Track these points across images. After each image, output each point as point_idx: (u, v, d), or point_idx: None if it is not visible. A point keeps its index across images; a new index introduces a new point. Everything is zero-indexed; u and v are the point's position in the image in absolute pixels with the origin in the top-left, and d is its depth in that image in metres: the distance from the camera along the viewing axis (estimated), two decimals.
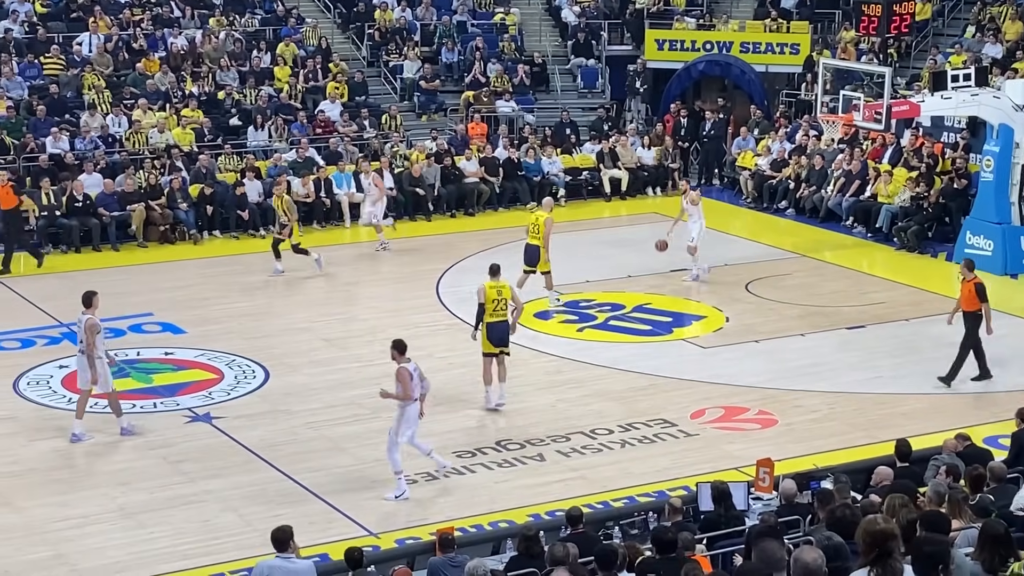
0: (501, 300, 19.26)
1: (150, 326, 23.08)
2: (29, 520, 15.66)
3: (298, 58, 35.45)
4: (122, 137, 31.28)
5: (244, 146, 32.13)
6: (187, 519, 15.76)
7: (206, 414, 19.06)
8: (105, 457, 17.56)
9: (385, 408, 19.16)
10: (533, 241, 23.69)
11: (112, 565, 14.62)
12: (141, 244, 28.75)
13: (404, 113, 35.03)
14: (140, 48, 34.36)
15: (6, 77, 31.98)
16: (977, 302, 19.82)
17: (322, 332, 22.82)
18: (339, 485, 16.69)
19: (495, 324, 19.23)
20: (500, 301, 19.24)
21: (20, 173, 29.29)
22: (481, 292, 19.28)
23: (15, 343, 22.08)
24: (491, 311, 19.22)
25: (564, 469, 17.29)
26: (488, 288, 19.26)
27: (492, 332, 19.23)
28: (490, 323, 19.22)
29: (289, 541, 12.11)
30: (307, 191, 30.27)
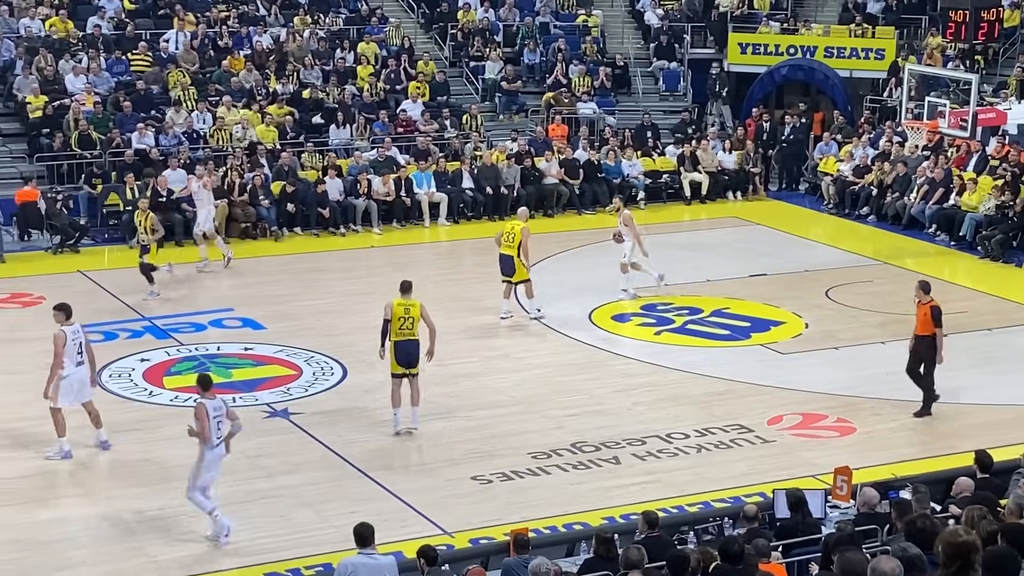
0: (408, 319, 18.06)
1: (230, 321, 23.29)
2: (109, 511, 15.85)
3: (380, 57, 35.64)
4: (206, 134, 31.61)
5: (326, 144, 32.35)
6: (264, 514, 15.88)
7: (284, 410, 19.20)
8: (184, 451, 17.64)
9: (462, 407, 19.31)
10: (507, 251, 23.09)
11: (190, 557, 14.75)
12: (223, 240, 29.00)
13: (485, 113, 35.10)
14: (226, 46, 34.70)
15: (94, 73, 32.42)
16: (932, 326, 18.81)
17: None
18: (414, 483, 16.74)
19: (402, 343, 18.07)
20: (408, 320, 18.06)
21: (106, 167, 29.69)
22: (388, 308, 18.11)
23: (98, 336, 22.30)
24: (397, 329, 18.04)
25: (639, 472, 17.24)
26: (396, 305, 18.13)
27: (399, 352, 18.09)
28: (397, 342, 18.06)
29: (371, 537, 12.17)
30: (387, 190, 30.43)
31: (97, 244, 28.53)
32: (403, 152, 32.44)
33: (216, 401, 15.15)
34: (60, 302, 17.85)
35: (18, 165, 30.60)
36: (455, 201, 31.07)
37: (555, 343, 22.54)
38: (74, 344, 17.22)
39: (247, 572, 14.36)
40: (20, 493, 16.37)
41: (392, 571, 12.25)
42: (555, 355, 21.91)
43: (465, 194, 31.32)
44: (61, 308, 17.53)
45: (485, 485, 16.74)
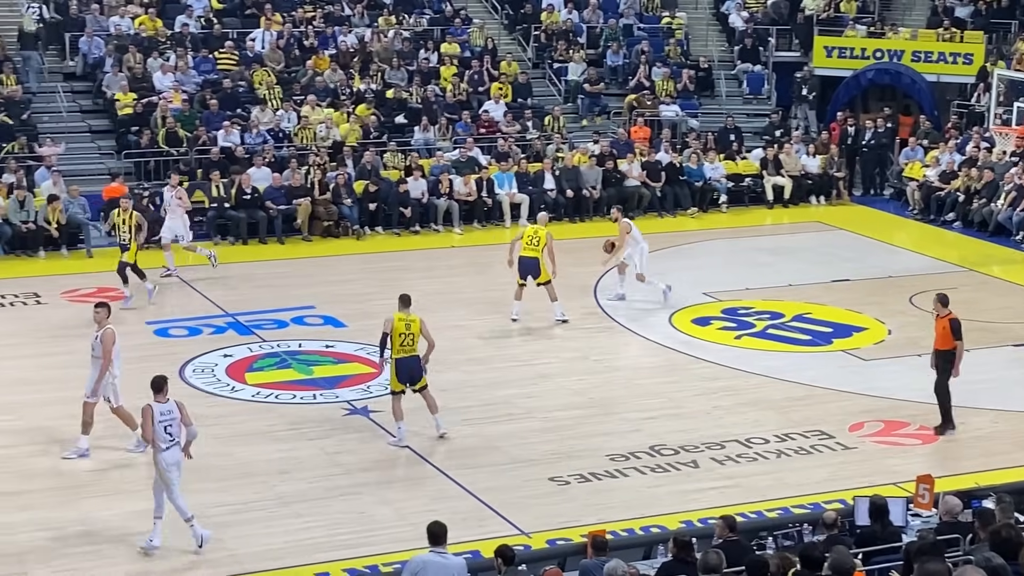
0: (409, 335, 17.67)
1: (312, 319, 23.45)
2: (192, 504, 15.94)
3: (463, 58, 35.74)
4: (291, 132, 31.86)
5: (408, 144, 32.48)
6: (343, 510, 15.97)
7: (364, 408, 19.29)
8: (264, 446, 17.87)
9: (540, 408, 19.31)
10: (531, 253, 22.95)
11: (269, 552, 14.86)
12: (305, 238, 29.24)
13: (567, 115, 35.10)
14: (311, 45, 34.96)
15: (181, 71, 32.79)
16: (951, 340, 18.23)
17: (479, 330, 22.95)
18: (492, 483, 16.75)
19: (404, 360, 17.69)
20: (408, 336, 17.67)
21: (192, 165, 30.02)
22: (388, 322, 17.62)
23: (183, 331, 22.60)
24: (398, 346, 17.61)
25: (718, 477, 17.15)
26: (396, 320, 17.65)
27: (401, 369, 17.72)
28: (399, 359, 17.67)
29: (444, 536, 12.20)
30: (469, 190, 30.52)
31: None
32: (485, 153, 32.50)
33: (167, 405, 14.79)
34: (101, 301, 17.93)
35: (106, 161, 31.01)
36: (536, 202, 31.05)
37: (634, 346, 22.49)
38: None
39: (327, 567, 14.43)
40: (107, 484, 16.58)
41: (461, 573, 12.27)
42: (634, 358, 21.86)
43: (546, 195, 31.33)
44: (104, 306, 17.60)
45: (563, 486, 16.72)
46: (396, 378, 17.83)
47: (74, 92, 32.96)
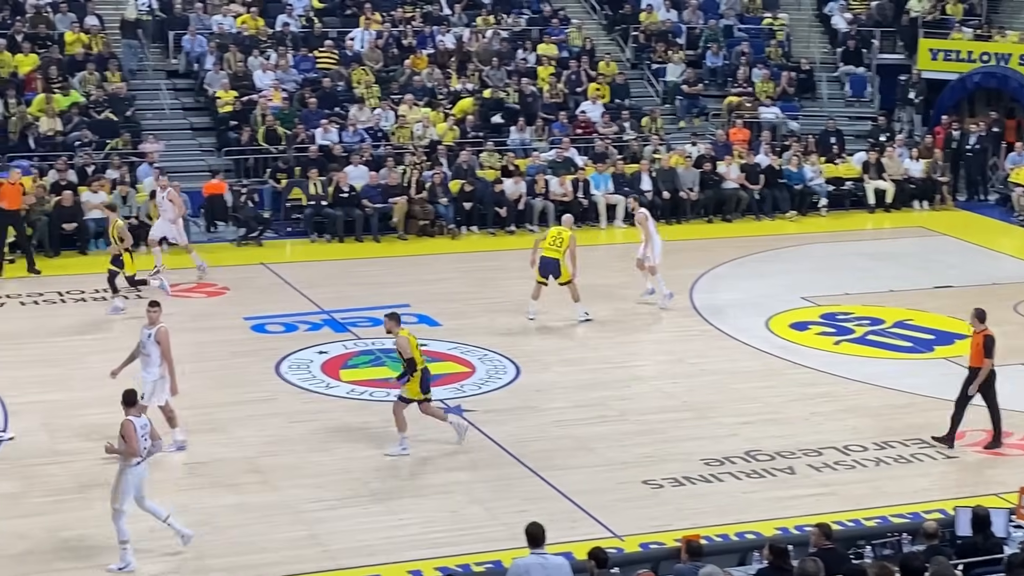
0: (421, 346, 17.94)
1: (406, 317, 23.35)
2: (286, 500, 16.08)
3: (561, 58, 35.67)
4: (388, 131, 31.99)
5: (505, 144, 32.47)
6: (436, 508, 15.95)
7: (457, 407, 19.27)
8: (358, 444, 17.91)
9: (634, 411, 19.18)
10: (553, 254, 22.84)
11: (362, 548, 14.88)
12: (401, 236, 29.33)
13: (665, 116, 34.90)
14: (409, 45, 35.09)
15: (282, 69, 33.04)
16: (982, 357, 17.72)
17: (573, 331, 22.87)
18: (585, 485, 16.65)
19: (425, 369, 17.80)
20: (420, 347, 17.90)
21: (290, 162, 30.24)
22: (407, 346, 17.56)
23: (279, 327, 22.74)
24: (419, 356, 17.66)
25: (815, 484, 16.91)
26: (411, 338, 17.78)
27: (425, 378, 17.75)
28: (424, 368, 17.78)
29: (543, 537, 12.11)
30: (564, 191, 30.44)
31: (280, 238, 29.07)
32: (581, 153, 32.41)
33: (143, 419, 14.39)
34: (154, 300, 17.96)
35: (207, 158, 31.35)
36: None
37: (731, 350, 22.26)
38: None
39: (419, 565, 14.42)
40: (207, 477, 16.69)
41: (565, 572, 12.18)
42: (730, 362, 21.64)
43: (643, 197, 31.12)
44: (157, 305, 17.46)
45: (656, 489, 16.59)
46: (419, 387, 17.52)
47: (176, 90, 33.35)
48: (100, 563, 14.26)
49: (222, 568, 14.36)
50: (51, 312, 23.32)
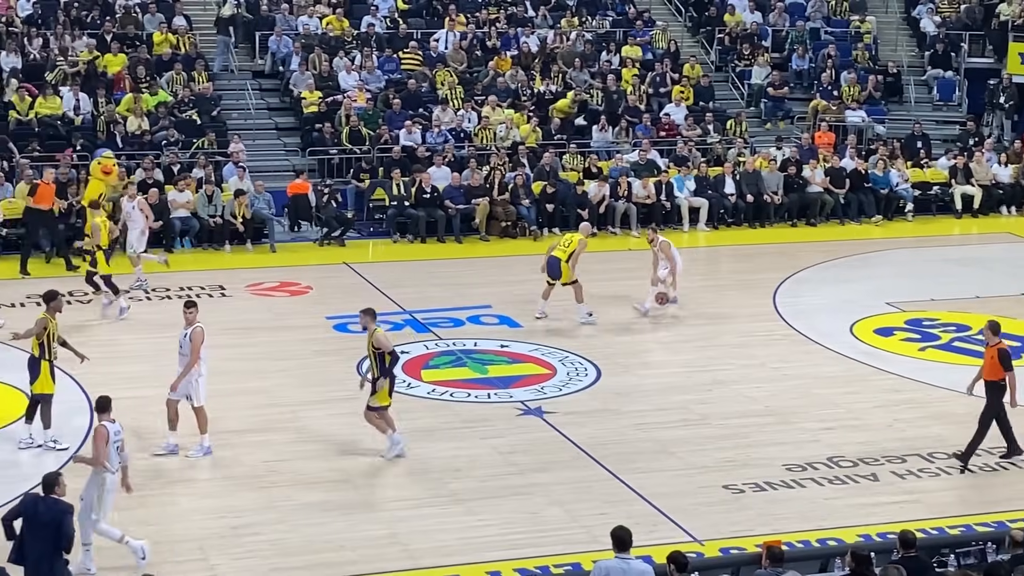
0: None
1: (488, 318, 23.53)
2: (367, 499, 16.15)
3: (645, 60, 35.57)
4: (471, 132, 32.05)
5: (588, 146, 32.43)
6: (515, 509, 15.94)
7: (538, 408, 19.27)
8: (438, 444, 17.95)
9: (716, 415, 19.07)
10: (559, 254, 23.03)
11: (442, 548, 14.90)
12: (483, 238, 29.38)
13: (749, 119, 34.68)
14: (493, 46, 35.14)
15: (367, 70, 33.23)
16: (1001, 371, 17.16)
17: (655, 334, 22.80)
18: (665, 488, 16.57)
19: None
20: None
21: (374, 163, 30.39)
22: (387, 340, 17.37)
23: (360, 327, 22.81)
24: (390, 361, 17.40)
25: (898, 491, 16.71)
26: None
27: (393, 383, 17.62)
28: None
29: (629, 542, 12.05)
30: (647, 193, 30.35)
31: (362, 237, 29.24)
32: (664, 156, 32.29)
33: (116, 425, 14.22)
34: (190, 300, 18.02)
35: (291, 158, 31.59)
36: (715, 207, 30.77)
37: (814, 354, 22.07)
38: None
39: (498, 566, 14.42)
40: (288, 475, 16.78)
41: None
42: (813, 367, 21.45)
43: (726, 200, 30.99)
44: (194, 306, 17.54)
45: (737, 495, 16.47)
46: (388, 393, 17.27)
47: (262, 90, 33.66)
48: (177, 559, 14.40)
49: (301, 566, 14.43)
50: (137, 309, 23.56)
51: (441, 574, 14.30)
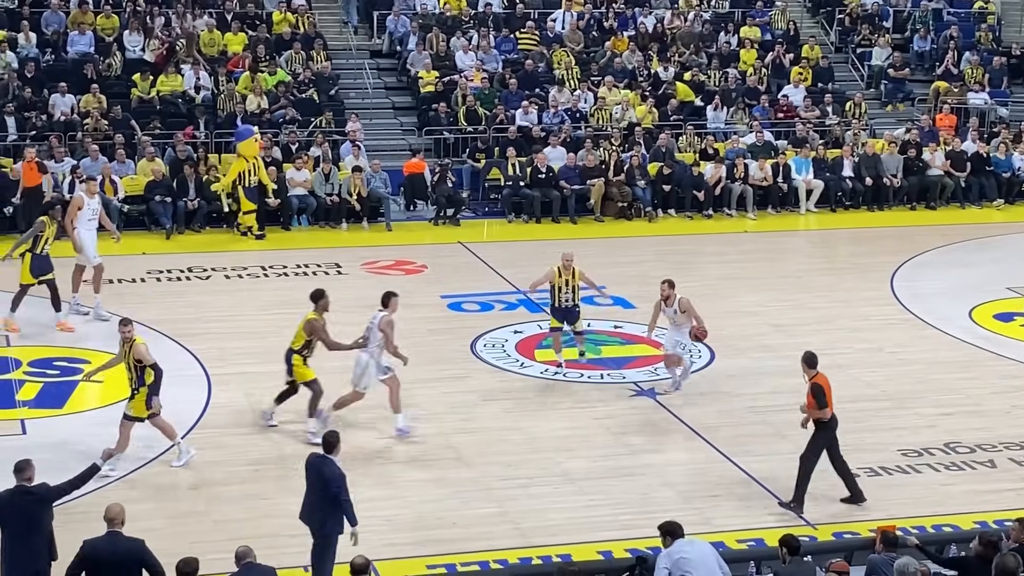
0: None
1: (602, 299, 23.44)
2: (478, 476, 16.23)
3: (764, 41, 35.25)
4: (587, 113, 32.00)
5: (704, 127, 32.22)
6: (626, 490, 15.94)
7: (650, 389, 19.23)
8: (550, 423, 18.00)
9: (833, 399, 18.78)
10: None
11: (552, 527, 14.95)
12: (598, 218, 29.34)
13: (869, 101, 34.23)
14: (610, 27, 35.04)
15: (483, 50, 33.31)
16: (817, 408, 15.24)
17: (771, 317, 22.61)
18: (779, 472, 16.41)
19: None
20: None
21: (489, 143, 30.48)
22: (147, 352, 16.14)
23: (475, 306, 22.96)
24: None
25: (1017, 478, 16.44)
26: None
27: None
28: None
29: (679, 531, 12.20)
30: (764, 175, 30.09)
31: (477, 217, 29.35)
32: (782, 137, 31.99)
33: None
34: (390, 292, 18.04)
35: (408, 137, 31.78)
36: (833, 189, 30.44)
37: (932, 339, 21.77)
38: None
39: (609, 546, 14.43)
40: (403, 452, 16.93)
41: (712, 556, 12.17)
42: (931, 351, 21.16)
43: (844, 183, 30.63)
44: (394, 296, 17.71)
45: None
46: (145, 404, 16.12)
47: (379, 69, 33.88)
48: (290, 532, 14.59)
49: (413, 542, 14.56)
50: (254, 286, 23.93)
51: (552, 552, 14.34)
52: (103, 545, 11.59)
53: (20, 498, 11.91)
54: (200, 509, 15.22)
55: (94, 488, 15.30)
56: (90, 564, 11.53)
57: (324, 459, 13.13)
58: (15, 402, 18.14)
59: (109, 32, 32.00)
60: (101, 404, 18.20)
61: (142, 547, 11.68)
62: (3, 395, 18.37)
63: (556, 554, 14.28)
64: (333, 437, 13.26)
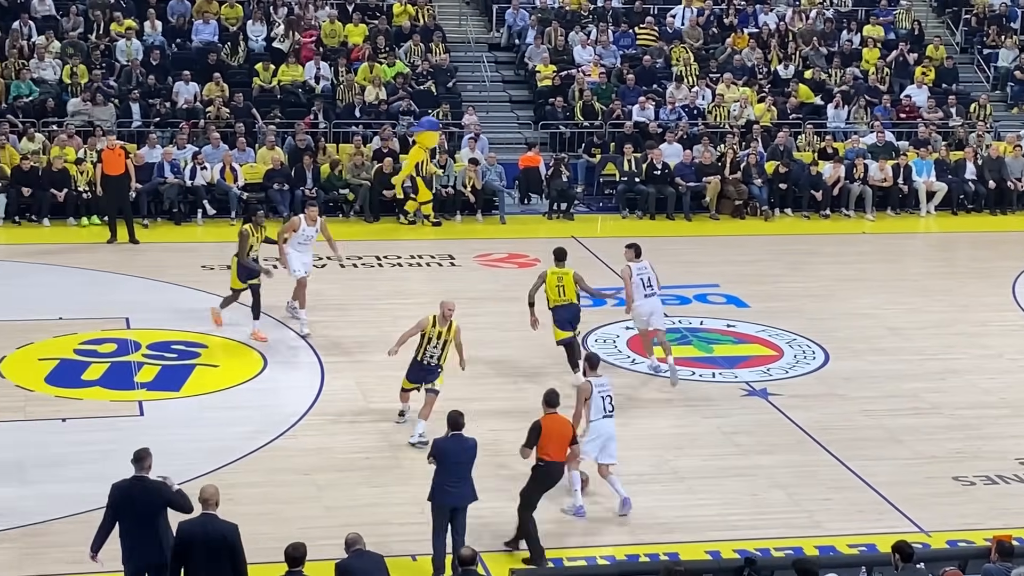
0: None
1: (715, 297, 23.34)
2: (588, 471, 16.16)
3: (887, 40, 34.74)
4: (704, 110, 31.78)
5: (824, 126, 31.84)
6: (736, 490, 15.81)
7: (763, 389, 19.05)
8: (661, 420, 17.92)
9: (947, 404, 18.57)
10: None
11: (661, 525, 14.87)
12: (713, 216, 29.14)
13: (994, 103, 33.60)
14: (731, 23, 34.76)
15: (602, 45, 33.21)
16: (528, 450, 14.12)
17: (887, 320, 22.28)
18: (893, 477, 16.21)
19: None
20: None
21: (605, 138, 30.39)
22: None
23: (587, 301, 22.76)
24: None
25: None
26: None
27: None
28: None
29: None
30: (884, 176, 29.67)
31: (591, 212, 29.29)
32: (903, 138, 31.52)
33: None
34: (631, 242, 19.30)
35: (524, 131, 31.80)
36: (955, 192, 29.92)
37: None
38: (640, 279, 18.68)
39: (717, 546, 14.31)
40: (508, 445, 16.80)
41: None
42: None
43: (966, 185, 30.10)
44: (631, 247, 19.22)
45: (967, 487, 16.03)
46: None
47: (497, 62, 33.92)
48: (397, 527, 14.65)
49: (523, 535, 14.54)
50: (369, 275, 24.09)
51: (659, 550, 14.26)
52: (197, 527, 11.58)
53: (138, 489, 11.92)
54: (311, 495, 15.34)
55: (215, 468, 15.61)
56: (184, 546, 11.53)
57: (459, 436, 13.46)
58: (134, 384, 18.44)
59: (233, 21, 32.40)
60: (216, 388, 18.44)
61: (235, 532, 11.60)
62: (122, 377, 18.67)
63: (663, 552, 14.20)
64: (461, 417, 13.58)
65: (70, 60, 30.00)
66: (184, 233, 26.71)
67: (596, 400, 15.21)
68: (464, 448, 13.49)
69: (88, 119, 28.77)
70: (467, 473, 13.46)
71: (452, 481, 13.37)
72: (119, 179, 25.46)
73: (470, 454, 13.49)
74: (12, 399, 17.82)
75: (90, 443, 16.26)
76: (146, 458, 12.08)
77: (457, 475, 13.39)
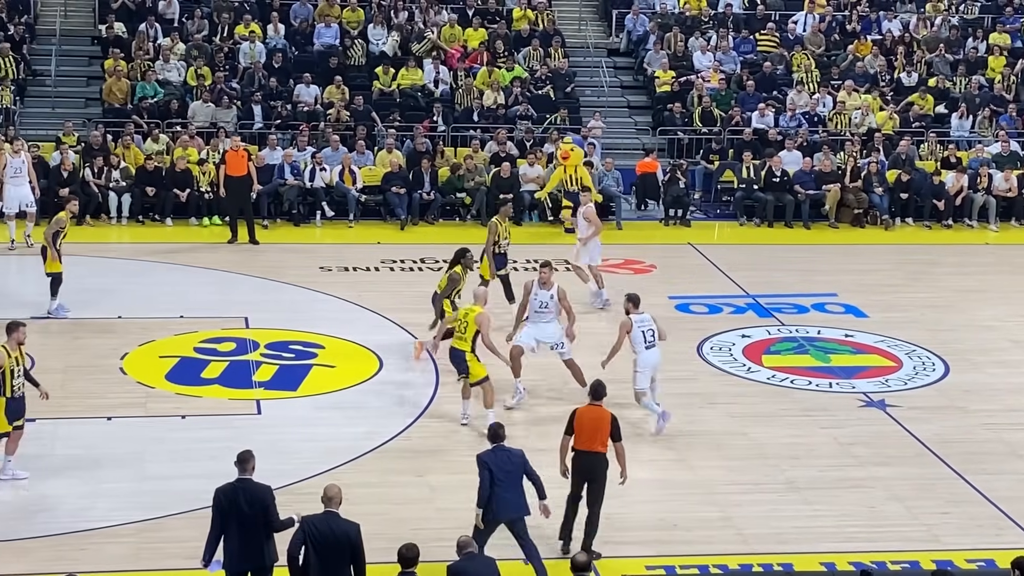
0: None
1: (833, 307, 23.08)
2: (701, 480, 16.08)
3: (1015, 48, 34.11)
4: (825, 117, 31.45)
5: (947, 135, 31.34)
6: (853, 502, 15.61)
7: (881, 400, 18.79)
8: (776, 430, 17.73)
9: None
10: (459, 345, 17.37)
11: (775, 535, 14.73)
12: (832, 224, 28.81)
13: None
14: (853, 30, 34.39)
15: (722, 51, 33.02)
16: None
17: (1010, 332, 21.88)
18: (1013, 492, 15.90)
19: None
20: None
21: (724, 144, 30.18)
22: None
23: (703, 308, 22.77)
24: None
25: None
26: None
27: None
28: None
29: None
30: (1009, 186, 29.15)
31: (708, 219, 29.13)
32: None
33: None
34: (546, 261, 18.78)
35: (642, 137, 31.70)
36: None
37: None
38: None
39: (833, 558, 14.14)
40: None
41: None
42: None
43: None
44: (548, 266, 18.51)
45: None
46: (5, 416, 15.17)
47: (616, 68, 33.87)
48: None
49: (633, 542, 14.52)
50: None
51: (773, 561, 14.13)
52: (320, 524, 11.68)
53: (243, 492, 11.98)
54: (424, 496, 15.42)
55: (330, 468, 15.75)
56: (305, 542, 11.63)
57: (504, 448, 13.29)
58: (252, 383, 18.68)
59: (354, 25, 32.71)
60: (333, 389, 18.61)
61: (357, 532, 11.72)
62: (241, 375, 18.92)
63: (777, 563, 14.07)
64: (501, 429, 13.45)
65: (194, 62, 30.51)
66: (303, 234, 27.01)
67: (636, 334, 17.08)
68: (510, 458, 13.22)
69: (211, 120, 29.23)
70: (518, 482, 13.21)
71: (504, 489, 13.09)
72: (241, 180, 25.77)
73: (517, 463, 13.20)
74: (133, 395, 18.15)
75: (208, 440, 16.48)
76: (249, 460, 12.15)
77: (507, 485, 13.13)
